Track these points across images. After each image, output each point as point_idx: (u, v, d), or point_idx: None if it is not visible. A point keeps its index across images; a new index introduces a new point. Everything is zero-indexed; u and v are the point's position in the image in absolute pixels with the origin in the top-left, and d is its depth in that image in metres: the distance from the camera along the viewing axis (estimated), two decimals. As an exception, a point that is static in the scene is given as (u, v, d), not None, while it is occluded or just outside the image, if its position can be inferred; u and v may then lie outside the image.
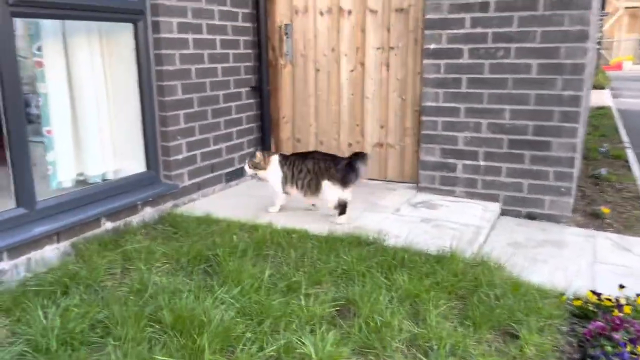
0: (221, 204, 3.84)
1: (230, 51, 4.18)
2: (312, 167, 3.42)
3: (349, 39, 4.38)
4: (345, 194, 3.39)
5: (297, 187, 3.49)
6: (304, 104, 4.66)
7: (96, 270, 2.64)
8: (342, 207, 3.41)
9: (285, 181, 3.53)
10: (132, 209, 3.38)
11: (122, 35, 3.48)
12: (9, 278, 2.64)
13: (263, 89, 4.50)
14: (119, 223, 3.29)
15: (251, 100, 4.49)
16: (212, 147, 4.07)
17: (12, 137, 2.75)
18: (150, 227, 3.38)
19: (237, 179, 4.41)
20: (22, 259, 2.72)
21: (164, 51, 3.53)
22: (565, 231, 3.61)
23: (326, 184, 3.37)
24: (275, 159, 3.58)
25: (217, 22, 3.99)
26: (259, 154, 3.56)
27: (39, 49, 3.18)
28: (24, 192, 2.82)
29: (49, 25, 3.17)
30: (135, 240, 3.09)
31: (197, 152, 3.92)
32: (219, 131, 4.13)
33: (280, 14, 4.56)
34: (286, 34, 4.57)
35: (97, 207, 3.16)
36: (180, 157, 3.75)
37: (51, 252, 2.87)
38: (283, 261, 2.78)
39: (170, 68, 3.60)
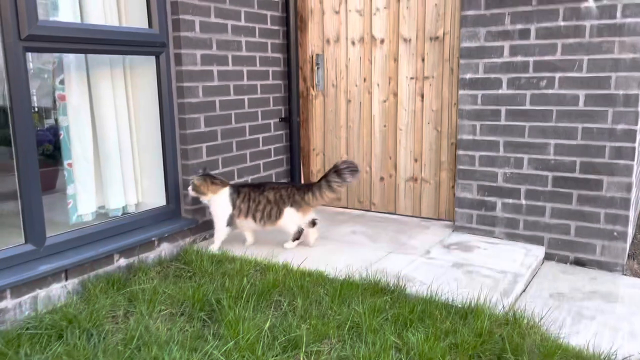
0: (241, 239, 3.68)
1: (259, 82, 4.08)
2: (272, 197, 3.41)
3: (381, 68, 4.19)
4: (305, 218, 3.45)
5: (253, 218, 3.43)
6: (335, 135, 4.49)
7: (97, 312, 2.53)
8: (299, 233, 3.48)
9: (237, 214, 3.43)
10: (148, 245, 3.29)
11: (144, 68, 3.45)
12: (11, 317, 2.58)
13: (293, 120, 4.37)
14: (133, 260, 3.20)
15: (280, 132, 4.37)
16: (236, 180, 3.95)
17: (21, 171, 2.73)
18: (166, 264, 3.27)
19: (264, 212, 4.26)
20: (27, 297, 2.65)
21: (186, 84, 3.47)
22: (618, 282, 3.20)
23: (288, 211, 3.40)
24: (225, 191, 3.43)
25: (244, 54, 3.91)
26: (196, 180, 3.37)
27: (62, 82, 3.19)
28: (33, 228, 2.78)
29: (71, 58, 3.17)
30: (146, 278, 2.98)
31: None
32: (244, 164, 4.01)
33: (312, 44, 4.44)
34: (317, 64, 4.44)
35: (110, 243, 3.08)
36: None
37: (58, 291, 2.79)
38: (290, 310, 2.57)
39: (193, 101, 3.53)
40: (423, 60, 4.01)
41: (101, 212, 3.48)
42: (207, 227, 3.73)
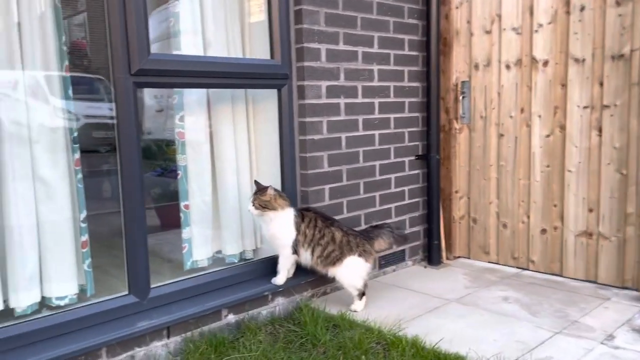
0: (367, 297, 3.15)
1: (392, 115, 3.58)
2: (339, 237, 2.92)
3: (543, 96, 3.43)
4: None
5: (312, 251, 2.90)
6: (483, 176, 3.78)
7: (190, 385, 2.18)
8: (363, 290, 2.99)
9: (302, 241, 2.90)
10: (261, 299, 2.91)
11: (265, 103, 3.15)
12: (106, 378, 2.33)
13: (432, 158, 3.77)
14: (244, 316, 2.84)
15: (416, 171, 3.79)
16: (363, 226, 3.45)
17: (127, 214, 2.53)
18: (278, 323, 2.85)
19: (395, 264, 3.69)
20: (125, 356, 2.40)
21: (308, 119, 3.09)
22: None
23: (353, 261, 2.91)
24: (290, 210, 2.88)
25: (376, 84, 3.45)
26: (271, 191, 2.81)
27: (181, 119, 3.00)
28: (136, 278, 2.56)
29: (191, 94, 2.98)
30: (253, 341, 2.59)
31: (344, 233, 3.34)
32: (372, 207, 3.50)
33: (456, 70, 3.83)
34: (463, 92, 3.81)
35: (219, 296, 2.76)
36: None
37: (159, 349, 2.51)
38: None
39: (316, 137, 3.14)
40: (601, 84, 3.17)
41: (219, 257, 3.21)
42: (326, 280, 3.27)
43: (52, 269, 2.48)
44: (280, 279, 2.94)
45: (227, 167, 3.12)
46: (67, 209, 2.52)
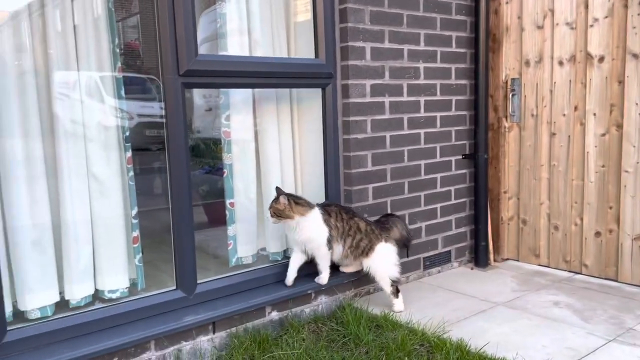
0: (411, 298, 3.12)
1: (438, 114, 3.52)
2: (364, 226, 2.89)
3: (599, 93, 3.29)
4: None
5: (344, 242, 2.86)
6: (533, 176, 3.66)
7: (233, 380, 2.22)
8: (397, 285, 2.93)
9: (336, 236, 2.85)
10: (304, 297, 2.93)
11: (309, 102, 3.16)
12: (154, 370, 2.41)
13: (479, 157, 3.68)
14: (287, 313, 2.86)
15: (463, 171, 3.71)
16: (408, 226, 3.41)
17: (175, 212, 2.59)
18: (321, 322, 2.86)
19: (440, 265, 3.63)
20: (172, 349, 2.47)
21: (352, 118, 3.08)
22: None
23: (383, 247, 2.88)
24: (316, 211, 2.82)
25: (422, 82, 3.40)
26: (282, 200, 2.74)
27: (227, 118, 3.05)
28: (184, 274, 2.62)
29: (236, 94, 3.03)
30: (296, 339, 2.61)
31: (389, 232, 3.31)
32: (417, 207, 3.46)
33: (506, 67, 3.72)
34: (513, 90, 3.70)
35: (263, 293, 2.79)
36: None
37: (204, 344, 2.57)
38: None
39: (360, 137, 3.12)
40: (662, 80, 3.01)
41: (262, 254, 3.25)
42: (369, 280, 3.24)
43: (104, 262, 2.58)
44: (324, 278, 2.93)
45: (271, 166, 3.15)
46: (119, 205, 2.61)
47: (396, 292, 2.94)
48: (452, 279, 3.48)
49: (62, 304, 2.46)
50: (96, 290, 2.57)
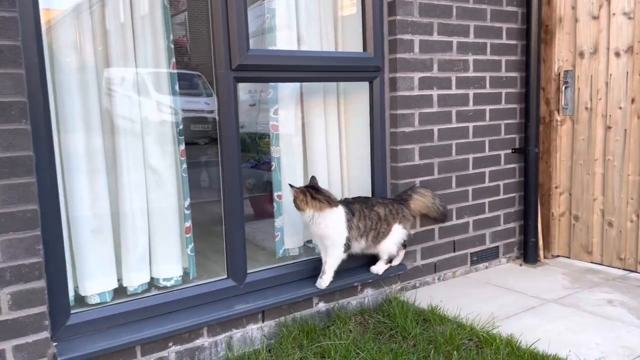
0: (458, 293, 3.10)
1: (487, 107, 3.46)
2: (383, 212, 2.88)
3: (659, 84, 3.16)
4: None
5: (366, 239, 2.85)
6: (586, 171, 3.56)
7: (283, 367, 2.27)
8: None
9: (355, 236, 2.79)
10: (350, 290, 2.96)
11: (356, 95, 3.17)
12: (207, 357, 2.49)
13: (529, 151, 3.60)
14: (334, 305, 2.89)
15: (512, 165, 3.64)
16: (455, 221, 3.38)
17: (226, 204, 2.66)
18: (367, 314, 2.88)
19: (487, 261, 3.58)
20: (223, 336, 2.54)
21: (400, 111, 3.08)
22: None
23: (397, 229, 2.92)
24: (341, 209, 2.75)
25: (471, 74, 3.35)
26: (294, 190, 2.72)
27: (276, 112, 3.10)
28: (235, 263, 2.69)
29: (285, 88, 3.07)
30: (343, 330, 2.64)
31: (435, 226, 3.29)
32: (464, 202, 3.42)
33: (559, 58, 3.62)
34: (566, 82, 3.59)
35: (311, 285, 2.83)
36: (412, 231, 3.19)
37: (254, 332, 2.64)
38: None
39: (407, 130, 3.11)
40: None
41: (309, 247, 3.29)
42: (419, 273, 3.25)
43: (159, 251, 2.68)
44: (325, 282, 2.78)
45: (317, 159, 3.18)
46: (174, 197, 2.70)
47: (388, 260, 3.00)
48: (500, 275, 3.43)
49: (119, 291, 2.57)
50: (151, 278, 2.68)
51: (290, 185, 2.77)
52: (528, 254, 3.65)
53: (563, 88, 3.60)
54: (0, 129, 1.96)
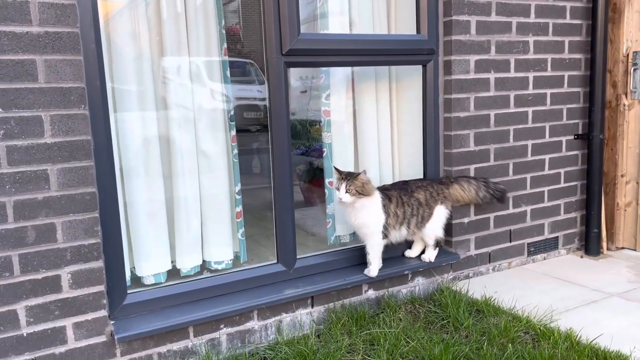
0: (513, 285, 2.99)
1: (548, 90, 3.30)
2: (423, 197, 2.82)
3: None
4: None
5: (407, 226, 2.79)
6: (656, 158, 3.33)
7: (333, 354, 2.26)
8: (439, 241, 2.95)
9: (393, 224, 2.73)
10: (401, 278, 2.91)
11: (409, 79, 3.09)
12: (257, 340, 2.52)
13: (594, 138, 3.40)
14: (383, 293, 2.86)
15: (574, 152, 3.46)
16: (512, 210, 3.25)
17: (276, 190, 2.67)
18: (418, 302, 2.83)
19: (545, 252, 3.43)
20: (273, 320, 2.56)
21: (455, 95, 2.97)
22: None
23: (439, 210, 2.85)
24: (377, 195, 2.67)
25: (531, 57, 3.19)
26: (364, 176, 2.62)
27: (327, 97, 3.07)
28: (285, 249, 2.70)
29: (337, 73, 3.03)
30: (392, 318, 2.61)
31: (490, 214, 3.18)
32: (522, 190, 3.28)
33: (628, 39, 3.39)
34: (635, 64, 3.37)
35: (360, 272, 2.80)
36: (465, 220, 3.10)
37: (303, 317, 2.64)
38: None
39: (462, 115, 3.01)
40: None
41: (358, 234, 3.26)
42: (472, 263, 3.15)
43: (211, 235, 2.72)
44: (374, 270, 2.75)
45: (368, 146, 3.13)
46: (225, 182, 2.74)
47: (436, 245, 2.94)
48: (559, 267, 3.28)
49: (173, 273, 2.63)
50: (203, 261, 2.73)
51: (335, 168, 2.73)
52: (590, 245, 3.47)
53: (632, 70, 3.37)
54: (61, 114, 2.03)
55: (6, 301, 2.00)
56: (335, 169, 2.71)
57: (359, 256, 2.91)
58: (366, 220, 2.67)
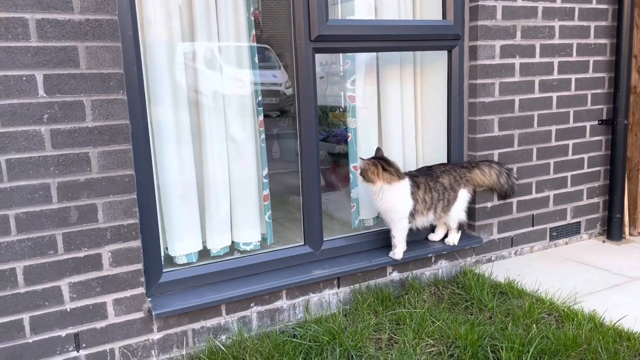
0: (536, 268, 3.03)
1: (573, 76, 3.30)
2: (447, 181, 2.86)
3: None
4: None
5: (434, 211, 2.85)
6: (682, 144, 3.33)
7: (360, 333, 2.33)
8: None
9: (422, 210, 2.79)
10: (424, 260, 2.97)
11: (434, 65, 3.12)
12: (285, 318, 2.60)
13: (618, 123, 3.41)
14: (407, 275, 2.92)
15: (598, 137, 3.47)
16: (534, 195, 3.28)
17: (304, 173, 2.73)
18: (441, 285, 2.89)
19: (568, 236, 3.46)
20: (301, 299, 2.64)
21: (480, 81, 3.00)
22: None
23: (462, 194, 2.91)
24: (406, 182, 2.73)
25: (556, 42, 3.19)
26: (365, 161, 2.73)
27: (352, 83, 3.11)
28: (311, 231, 2.77)
29: (362, 58, 3.07)
30: (417, 299, 2.67)
31: (513, 199, 3.21)
32: (545, 175, 3.30)
33: (655, 22, 3.37)
34: (662, 48, 3.35)
35: (384, 254, 2.86)
36: (489, 204, 3.14)
37: (330, 297, 2.72)
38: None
39: (487, 100, 3.03)
40: None
41: (382, 218, 3.32)
42: (495, 246, 3.20)
43: (240, 217, 2.80)
44: (399, 253, 2.82)
45: (392, 130, 3.17)
46: (253, 165, 2.80)
47: (459, 228, 3.00)
48: (581, 251, 3.31)
49: (203, 253, 2.72)
50: (232, 243, 2.81)
51: (361, 158, 2.79)
52: (612, 230, 3.49)
53: (659, 55, 3.36)
54: (101, 99, 2.11)
55: (51, 278, 2.10)
56: (378, 149, 2.85)
57: (383, 239, 2.97)
58: (394, 204, 2.73)
